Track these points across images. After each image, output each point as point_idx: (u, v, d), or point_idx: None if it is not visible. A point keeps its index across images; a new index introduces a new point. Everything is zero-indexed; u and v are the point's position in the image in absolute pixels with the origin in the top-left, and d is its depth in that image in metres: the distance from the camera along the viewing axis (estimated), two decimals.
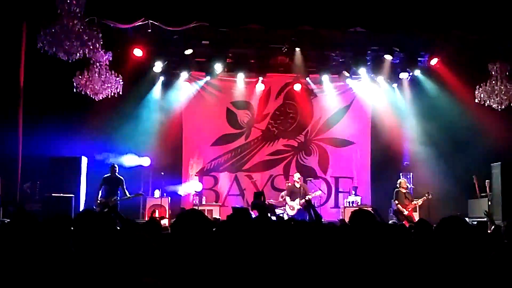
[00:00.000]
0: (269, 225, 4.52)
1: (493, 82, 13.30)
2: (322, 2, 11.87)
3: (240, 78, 16.21)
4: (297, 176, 14.63)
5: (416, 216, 14.16)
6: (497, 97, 13.21)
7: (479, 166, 14.83)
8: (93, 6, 11.14)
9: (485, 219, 11.35)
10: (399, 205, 14.00)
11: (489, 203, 14.32)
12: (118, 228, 5.69)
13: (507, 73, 13.27)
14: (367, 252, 4.16)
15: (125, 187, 13.46)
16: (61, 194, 13.18)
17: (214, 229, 4.00)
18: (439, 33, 13.06)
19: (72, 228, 4.48)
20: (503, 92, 13.13)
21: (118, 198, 13.35)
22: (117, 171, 13.52)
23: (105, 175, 13.50)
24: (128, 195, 13.40)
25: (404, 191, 14.13)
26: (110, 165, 13.57)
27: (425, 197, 13.98)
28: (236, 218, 4.21)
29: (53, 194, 13.07)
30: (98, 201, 13.20)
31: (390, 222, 11.98)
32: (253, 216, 5.79)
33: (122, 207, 13.81)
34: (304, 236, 4.75)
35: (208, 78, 16.17)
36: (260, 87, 16.37)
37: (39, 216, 11.24)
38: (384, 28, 12.61)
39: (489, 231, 7.70)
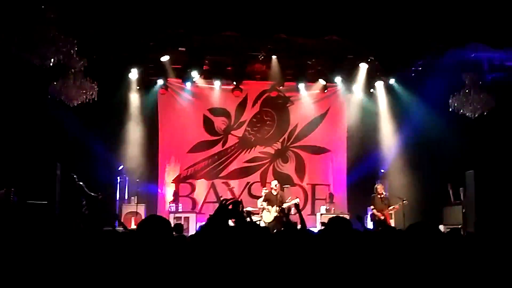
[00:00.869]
0: (246, 233, 4.51)
1: (467, 91, 13.45)
2: (297, 11, 11.91)
3: (217, 85, 16.20)
4: (274, 183, 14.64)
5: (392, 223, 14.31)
6: (470, 106, 13.38)
7: (453, 173, 14.99)
8: (69, 12, 11.06)
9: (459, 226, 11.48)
10: (375, 210, 14.14)
11: (463, 211, 14.48)
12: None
13: (480, 83, 13.44)
14: (342, 259, 4.18)
15: (86, 190, 13.46)
16: (36, 201, 13.03)
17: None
18: (414, 42, 13.18)
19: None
20: (476, 101, 13.30)
21: (84, 203, 13.39)
22: (76, 180, 13.46)
23: (71, 185, 13.47)
24: (93, 194, 13.42)
25: (380, 196, 14.28)
26: (69, 177, 13.50)
27: (401, 203, 14.11)
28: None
29: (28, 201, 12.91)
30: (70, 211, 13.20)
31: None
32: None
33: (97, 213, 13.73)
34: (280, 243, 4.75)
35: (185, 85, 16.13)
36: (236, 94, 16.38)
37: (14, 224, 11.21)
38: (359, 37, 12.70)
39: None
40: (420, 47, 13.75)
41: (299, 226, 9.06)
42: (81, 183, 13.57)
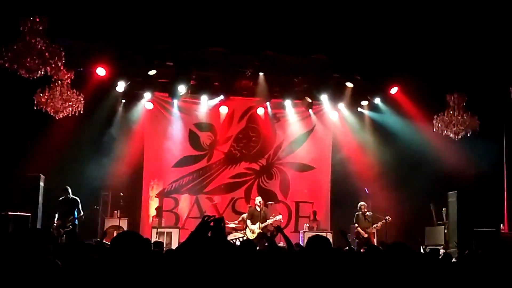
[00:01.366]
0: (226, 251, 4.52)
1: (451, 112, 13.59)
2: (285, 29, 12.03)
3: (204, 100, 16.23)
4: (258, 200, 14.67)
5: (375, 241, 14.36)
6: (454, 127, 13.51)
7: (436, 194, 15.11)
8: (56, 24, 11.06)
9: (440, 246, 11.54)
10: (359, 228, 14.21)
11: (445, 231, 14.57)
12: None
13: (464, 104, 13.58)
14: (322, 278, 4.21)
15: (80, 207, 13.39)
16: (18, 213, 12.92)
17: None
18: (399, 62, 13.34)
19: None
20: (460, 123, 13.43)
21: (75, 218, 13.28)
22: (70, 192, 13.39)
23: (60, 198, 13.41)
24: (82, 214, 13.37)
25: (364, 214, 14.35)
26: (62, 188, 13.43)
27: (384, 221, 14.17)
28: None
29: (9, 213, 12.80)
30: (55, 224, 13.10)
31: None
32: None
33: (80, 227, 13.67)
34: (259, 261, 4.77)
35: (171, 99, 16.14)
36: (223, 109, 16.41)
37: None
38: (345, 56, 12.83)
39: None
40: (403, 67, 13.88)
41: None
42: (76, 198, 13.47)
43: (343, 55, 13.02)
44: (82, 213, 13.42)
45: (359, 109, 16.72)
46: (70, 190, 13.47)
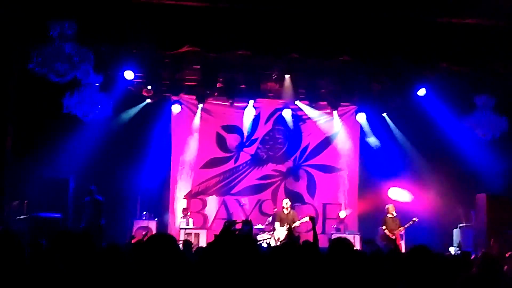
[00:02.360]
0: (253, 254, 4.55)
1: (479, 114, 13.47)
2: (310, 31, 12.04)
3: (230, 102, 16.32)
4: (285, 202, 14.64)
5: (402, 244, 14.30)
6: (482, 129, 13.38)
7: (465, 196, 14.97)
8: (85, 28, 11.25)
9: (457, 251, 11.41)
10: (386, 231, 14.14)
11: (474, 234, 14.42)
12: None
13: (492, 106, 13.45)
14: (344, 282, 4.23)
15: (102, 210, 13.63)
16: (49, 214, 13.16)
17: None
18: (427, 64, 13.24)
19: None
20: (488, 124, 13.30)
21: (102, 219, 13.55)
22: (95, 193, 13.62)
23: (86, 199, 13.65)
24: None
25: (391, 216, 14.28)
26: (89, 189, 13.66)
27: (411, 222, 14.10)
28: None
29: (40, 214, 13.05)
30: (82, 225, 13.36)
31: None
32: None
33: (109, 229, 13.89)
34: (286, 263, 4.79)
35: (198, 102, 16.27)
36: (249, 112, 16.47)
37: (26, 236, 11.34)
38: (371, 58, 12.78)
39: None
40: (433, 69, 13.77)
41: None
42: (100, 199, 13.73)
43: (369, 57, 12.95)
44: (102, 218, 13.67)
45: (386, 110, 16.61)
46: (95, 191, 13.69)
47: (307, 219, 14.28)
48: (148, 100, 15.81)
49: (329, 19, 11.97)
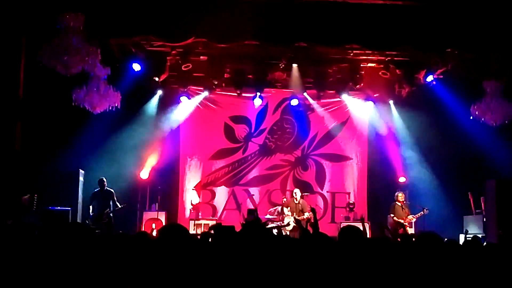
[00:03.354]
0: (260, 241, 4.58)
1: (488, 99, 13.40)
2: (318, 19, 11.99)
3: (238, 93, 16.31)
4: (296, 191, 14.67)
5: (412, 232, 14.29)
6: (492, 115, 13.32)
7: (474, 182, 14.93)
8: (92, 21, 11.27)
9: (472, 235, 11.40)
10: (395, 218, 14.14)
11: (484, 220, 14.40)
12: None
13: (502, 91, 13.38)
14: (355, 269, 4.24)
15: (115, 199, 13.72)
16: (59, 207, 13.24)
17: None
18: (435, 51, 13.18)
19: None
20: (497, 110, 13.24)
21: (110, 210, 13.64)
22: (106, 184, 13.72)
23: (95, 190, 13.77)
24: (119, 206, 13.67)
25: (400, 204, 14.28)
26: (98, 180, 13.76)
27: (421, 212, 14.10)
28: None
29: (50, 207, 13.12)
30: (91, 216, 13.46)
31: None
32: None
33: (118, 220, 13.97)
34: (294, 251, 4.81)
35: (206, 93, 16.28)
36: (257, 102, 16.47)
37: (37, 229, 11.41)
38: (380, 45, 12.72)
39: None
40: (440, 56, 13.71)
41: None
42: (111, 189, 13.84)
43: (377, 44, 12.90)
44: (119, 206, 13.76)
45: (394, 98, 16.56)
46: (105, 182, 13.79)
47: (308, 215, 14.30)
48: (156, 92, 15.85)
49: (336, 7, 11.91)
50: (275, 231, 12.65)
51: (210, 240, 6.42)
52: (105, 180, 13.86)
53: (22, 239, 4.12)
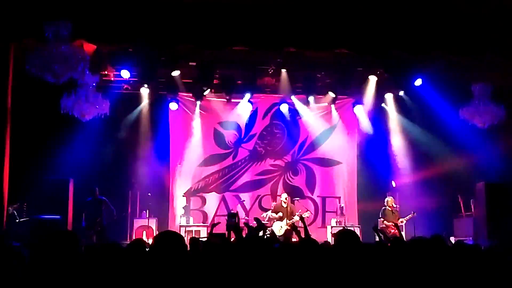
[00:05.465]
0: (246, 246, 4.56)
1: (476, 102, 13.47)
2: (307, 24, 12.00)
3: (227, 98, 16.30)
4: (284, 196, 14.73)
5: (401, 234, 14.32)
6: (480, 117, 13.39)
7: (464, 185, 14.99)
8: (80, 29, 11.20)
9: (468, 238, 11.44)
10: (385, 222, 14.18)
11: (474, 223, 14.45)
12: None
13: (490, 94, 13.45)
14: (351, 273, 4.23)
15: (110, 206, 13.64)
16: (49, 216, 13.13)
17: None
18: (422, 54, 13.23)
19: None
20: (486, 113, 13.31)
21: (104, 219, 13.55)
22: (98, 193, 13.64)
23: (87, 199, 13.67)
24: (114, 212, 13.61)
25: (390, 209, 14.33)
26: (90, 188, 13.68)
27: (410, 215, 14.15)
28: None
29: (40, 216, 13.02)
30: (83, 225, 13.37)
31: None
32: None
33: (109, 228, 13.88)
34: (287, 257, 4.80)
35: (195, 99, 16.26)
36: (247, 107, 16.46)
37: (26, 238, 11.32)
38: (368, 50, 12.75)
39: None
40: (427, 59, 13.76)
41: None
42: (103, 197, 13.76)
43: (365, 49, 12.92)
44: (114, 211, 13.70)
45: (383, 102, 16.63)
46: (97, 191, 13.71)
47: (307, 214, 14.35)
48: (145, 99, 15.82)
49: (325, 12, 11.93)
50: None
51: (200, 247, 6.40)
52: (97, 189, 13.77)
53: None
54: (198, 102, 16.39)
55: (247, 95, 16.04)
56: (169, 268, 3.61)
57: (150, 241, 11.40)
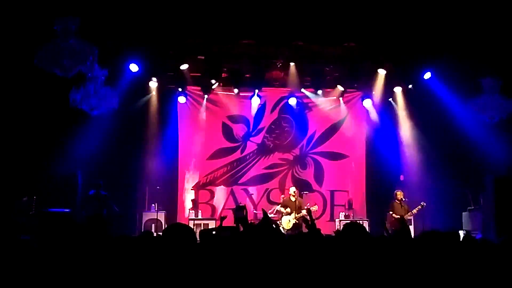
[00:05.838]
0: (255, 237, 4.58)
1: (486, 96, 13.41)
2: (315, 18, 12.00)
3: (236, 92, 16.33)
4: (292, 190, 14.73)
5: (411, 229, 14.32)
6: (489, 111, 13.34)
7: (472, 179, 14.94)
8: (89, 23, 11.25)
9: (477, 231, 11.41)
10: (394, 215, 14.15)
11: (482, 216, 14.41)
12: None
13: (499, 88, 13.39)
14: (357, 265, 4.25)
15: (110, 203, 13.67)
16: (58, 210, 13.21)
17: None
18: (431, 47, 13.20)
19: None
20: (495, 107, 13.25)
21: (104, 213, 13.59)
22: (102, 187, 13.68)
23: (90, 192, 13.71)
24: (117, 209, 13.65)
25: (399, 202, 14.31)
26: (95, 183, 13.72)
27: (419, 207, 14.11)
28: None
29: (49, 210, 13.09)
30: (84, 218, 13.41)
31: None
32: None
33: (118, 221, 13.92)
34: (295, 248, 4.82)
35: (203, 93, 16.29)
36: (255, 101, 16.47)
37: (35, 231, 11.40)
38: (376, 43, 12.74)
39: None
40: (436, 53, 13.72)
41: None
42: (106, 193, 13.80)
43: (374, 42, 12.93)
44: (117, 209, 13.72)
45: (392, 96, 16.59)
46: (101, 185, 13.75)
47: (315, 208, 14.36)
48: (154, 93, 15.87)
49: (333, 6, 11.92)
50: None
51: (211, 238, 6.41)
52: (101, 183, 13.81)
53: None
54: (206, 96, 16.41)
55: (255, 89, 16.03)
56: (179, 261, 3.63)
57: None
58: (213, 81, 15.76)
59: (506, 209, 13.53)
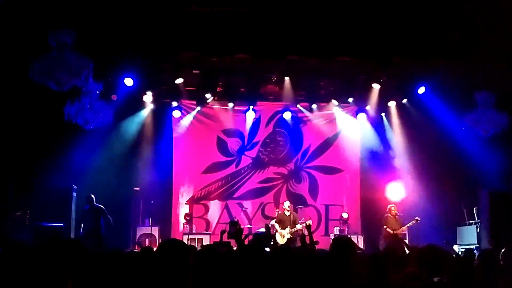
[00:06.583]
0: (247, 254, 4.57)
1: (480, 110, 13.46)
2: (310, 32, 12.04)
3: (231, 106, 16.34)
4: (287, 204, 14.72)
5: (406, 242, 14.29)
6: (483, 125, 13.37)
7: (467, 193, 14.95)
8: (84, 37, 11.26)
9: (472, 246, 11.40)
10: (388, 229, 14.13)
11: (477, 231, 14.40)
12: None
13: (493, 102, 13.44)
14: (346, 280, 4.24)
15: (107, 214, 13.62)
16: (52, 224, 13.14)
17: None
18: (426, 62, 13.25)
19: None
20: (489, 121, 13.29)
21: (102, 228, 13.54)
22: (94, 201, 13.64)
23: (85, 207, 13.66)
24: (111, 220, 13.59)
25: (393, 216, 14.29)
26: (87, 197, 13.68)
27: (413, 221, 14.11)
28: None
29: (43, 224, 13.03)
30: (82, 233, 13.37)
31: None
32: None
33: (112, 236, 13.87)
34: (285, 265, 4.80)
35: (198, 107, 16.31)
36: (250, 115, 16.49)
37: (29, 246, 11.33)
38: (370, 57, 12.78)
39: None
40: (430, 67, 13.77)
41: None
42: (101, 206, 13.75)
43: (368, 57, 12.96)
44: (111, 220, 13.67)
45: (386, 110, 16.62)
46: (94, 199, 13.71)
47: (309, 222, 14.30)
48: (151, 106, 15.87)
49: (327, 20, 11.96)
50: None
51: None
52: (93, 196, 13.76)
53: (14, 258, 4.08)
54: (202, 110, 16.41)
55: (250, 103, 16.06)
56: (174, 277, 3.60)
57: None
58: (208, 95, 15.76)
59: (501, 223, 13.54)
